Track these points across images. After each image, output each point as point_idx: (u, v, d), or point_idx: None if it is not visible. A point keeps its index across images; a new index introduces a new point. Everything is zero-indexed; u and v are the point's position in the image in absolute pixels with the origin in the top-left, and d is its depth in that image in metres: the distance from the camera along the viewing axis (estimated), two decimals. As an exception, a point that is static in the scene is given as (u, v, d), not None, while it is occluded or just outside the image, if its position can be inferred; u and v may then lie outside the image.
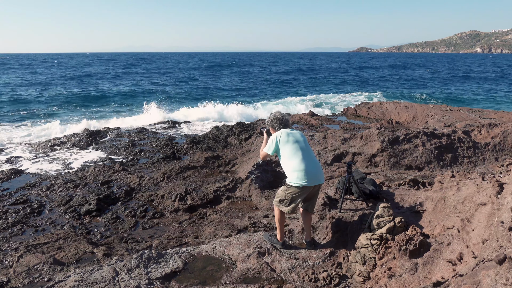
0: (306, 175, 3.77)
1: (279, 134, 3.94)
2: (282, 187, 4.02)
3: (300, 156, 3.83)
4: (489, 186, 3.24)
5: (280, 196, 3.97)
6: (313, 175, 3.83)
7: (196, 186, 7.06)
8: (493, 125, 7.97)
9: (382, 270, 3.29)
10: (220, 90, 32.49)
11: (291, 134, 3.96)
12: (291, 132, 4.00)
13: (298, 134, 4.02)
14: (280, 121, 4.10)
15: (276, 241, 4.13)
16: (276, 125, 4.11)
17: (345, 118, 14.59)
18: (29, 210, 6.15)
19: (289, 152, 3.86)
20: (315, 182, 3.85)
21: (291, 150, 3.85)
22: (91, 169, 8.37)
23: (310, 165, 3.84)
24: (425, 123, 11.59)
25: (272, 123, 4.14)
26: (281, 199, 3.96)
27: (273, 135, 3.98)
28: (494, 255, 2.15)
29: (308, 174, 3.79)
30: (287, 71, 56.18)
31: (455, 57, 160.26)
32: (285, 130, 4.00)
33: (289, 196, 3.89)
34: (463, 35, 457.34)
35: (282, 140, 3.88)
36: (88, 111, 20.82)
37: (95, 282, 3.43)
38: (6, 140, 12.23)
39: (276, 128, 4.11)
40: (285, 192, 3.92)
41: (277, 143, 3.89)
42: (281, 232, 4.11)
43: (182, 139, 12.19)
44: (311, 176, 3.80)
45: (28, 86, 32.12)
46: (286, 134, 3.93)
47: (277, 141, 3.90)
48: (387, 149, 7.05)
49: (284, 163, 3.92)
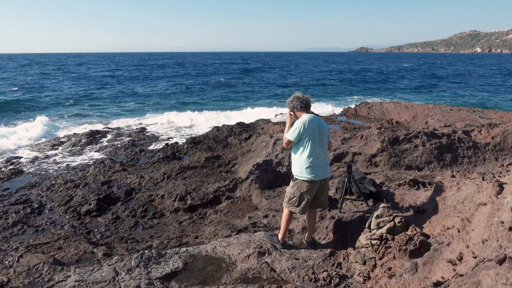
0: (315, 169, 3.72)
1: (306, 121, 3.71)
2: (290, 183, 3.93)
3: (313, 149, 3.72)
4: (489, 186, 3.24)
5: (289, 194, 3.88)
6: (322, 168, 3.78)
7: (196, 186, 7.06)
8: (493, 125, 7.97)
9: (382, 270, 3.29)
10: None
11: (314, 123, 3.75)
12: (314, 119, 3.79)
13: (318, 123, 3.81)
14: (301, 101, 3.86)
15: (277, 241, 4.10)
16: (298, 104, 3.85)
17: (345, 118, 14.60)
18: (29, 210, 6.15)
19: (304, 143, 3.73)
20: (322, 176, 3.80)
21: (306, 142, 3.72)
22: (91, 169, 8.37)
23: (320, 159, 3.76)
24: (425, 123, 11.59)
25: (294, 103, 3.88)
26: (290, 197, 3.86)
27: (299, 121, 3.75)
28: (494, 255, 2.15)
29: (317, 169, 3.73)
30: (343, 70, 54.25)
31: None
32: (309, 117, 3.77)
33: (297, 192, 3.80)
34: (463, 35, 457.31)
35: (307, 129, 3.68)
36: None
37: (95, 282, 3.43)
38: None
39: (298, 108, 3.87)
40: (293, 189, 3.83)
41: (300, 131, 3.69)
42: (284, 232, 4.07)
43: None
44: (319, 170, 3.75)
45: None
46: (309, 122, 3.71)
47: (302, 129, 3.68)
48: (387, 149, 7.05)
49: (295, 153, 3.82)
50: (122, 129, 14.09)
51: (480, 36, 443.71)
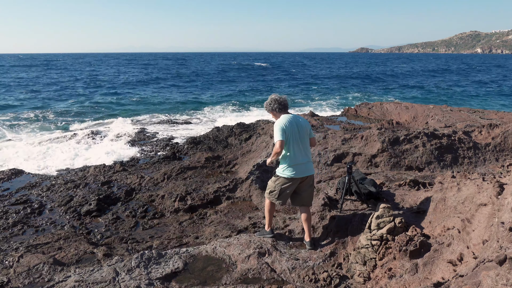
0: (295, 168, 3.87)
1: (283, 122, 3.82)
2: (272, 178, 4.11)
3: (295, 147, 3.86)
4: (489, 187, 3.23)
5: (270, 187, 4.06)
6: (303, 166, 3.92)
7: (196, 186, 7.06)
8: (494, 126, 7.96)
9: (383, 270, 3.29)
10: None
11: (291, 123, 3.86)
12: (291, 119, 3.89)
13: (296, 122, 3.91)
14: (279, 103, 3.97)
15: (265, 232, 4.27)
16: (276, 107, 3.96)
17: (346, 119, 14.59)
18: (30, 210, 6.15)
19: (286, 143, 3.84)
20: (304, 174, 3.94)
21: (288, 142, 3.84)
22: (92, 169, 8.37)
23: (301, 157, 3.89)
24: (426, 123, 11.58)
25: (271, 105, 3.99)
26: (271, 191, 4.04)
27: (277, 123, 3.86)
28: (495, 255, 2.15)
29: (298, 167, 3.88)
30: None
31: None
32: (286, 117, 3.88)
33: (278, 187, 3.97)
34: (464, 36, 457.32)
35: (286, 129, 3.78)
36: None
37: (95, 282, 3.43)
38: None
39: (277, 111, 3.98)
40: (275, 183, 4.00)
41: (284, 128, 3.78)
42: (269, 222, 4.27)
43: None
44: (300, 168, 3.90)
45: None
46: (287, 123, 3.82)
47: (285, 126, 3.78)
48: (388, 149, 7.05)
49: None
50: (124, 130, 14.07)
51: (480, 36, 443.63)
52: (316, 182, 6.40)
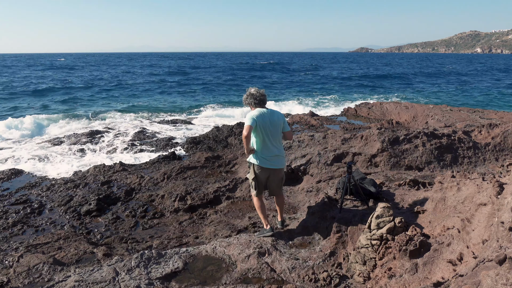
0: (266, 158, 4.06)
1: (255, 115, 3.95)
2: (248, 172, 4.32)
3: (265, 139, 4.01)
4: (489, 187, 3.24)
5: (249, 180, 4.27)
6: (274, 158, 4.10)
7: (196, 186, 7.06)
8: (493, 126, 7.97)
9: (382, 270, 3.29)
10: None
11: (264, 117, 3.98)
12: (265, 113, 4.01)
13: (269, 117, 4.03)
14: (255, 97, 4.06)
15: (264, 231, 4.32)
16: (252, 101, 4.06)
17: (345, 118, 14.59)
18: (29, 210, 6.15)
19: (257, 135, 4.00)
20: (273, 165, 4.13)
21: (258, 134, 3.99)
22: (91, 169, 8.37)
23: (272, 150, 4.07)
24: (425, 123, 11.59)
25: (247, 99, 4.10)
26: (250, 183, 4.27)
27: (249, 114, 3.99)
28: (494, 255, 2.15)
29: (268, 158, 4.07)
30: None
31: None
32: (260, 111, 4.00)
33: (251, 175, 4.17)
34: (463, 35, 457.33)
35: (257, 120, 3.92)
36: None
37: (95, 282, 3.43)
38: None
39: (252, 105, 4.09)
40: (250, 174, 4.20)
41: (254, 118, 3.92)
42: (264, 219, 4.35)
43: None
44: (271, 160, 4.09)
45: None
46: (259, 116, 3.95)
47: (253, 118, 3.92)
48: (387, 149, 7.05)
49: (252, 141, 4.10)
50: (121, 130, 14.06)
51: (480, 36, 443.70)
52: (316, 182, 6.40)
